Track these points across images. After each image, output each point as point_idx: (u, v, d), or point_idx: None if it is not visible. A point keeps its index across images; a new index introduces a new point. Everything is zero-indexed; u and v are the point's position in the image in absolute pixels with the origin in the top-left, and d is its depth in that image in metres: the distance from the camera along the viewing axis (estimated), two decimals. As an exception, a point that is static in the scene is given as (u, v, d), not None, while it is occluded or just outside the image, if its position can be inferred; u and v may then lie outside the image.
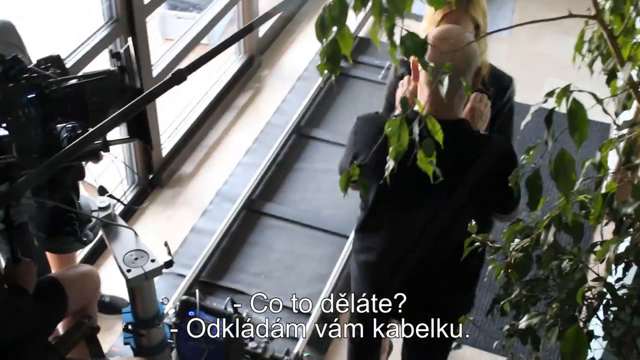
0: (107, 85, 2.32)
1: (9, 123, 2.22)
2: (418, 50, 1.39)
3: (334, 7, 1.38)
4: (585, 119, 1.37)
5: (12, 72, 2.21)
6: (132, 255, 2.51)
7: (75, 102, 2.29)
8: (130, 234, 2.58)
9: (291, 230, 4.41)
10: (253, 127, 5.17)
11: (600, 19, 1.60)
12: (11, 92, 2.21)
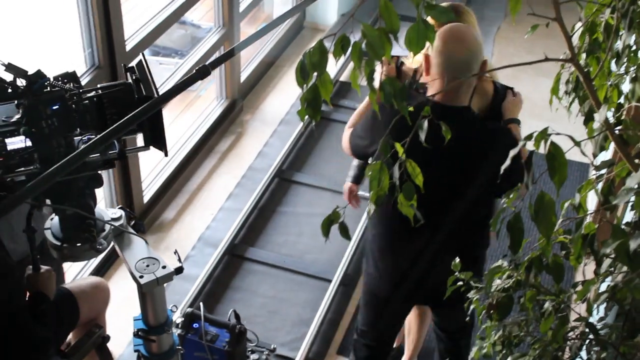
0: (124, 97, 2.40)
1: (33, 134, 2.29)
2: (397, 96, 1.41)
3: (314, 53, 1.40)
4: (564, 161, 1.39)
5: (36, 85, 2.28)
6: (143, 263, 2.61)
7: (94, 114, 2.37)
8: (142, 243, 2.69)
9: (274, 274, 4.40)
10: (235, 172, 5.18)
11: (576, 62, 1.63)
12: (36, 104, 2.28)
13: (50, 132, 2.31)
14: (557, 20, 1.55)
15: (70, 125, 2.35)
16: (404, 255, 2.89)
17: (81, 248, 2.56)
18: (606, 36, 1.73)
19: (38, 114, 2.28)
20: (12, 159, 2.30)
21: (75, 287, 2.99)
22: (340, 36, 1.43)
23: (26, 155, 2.30)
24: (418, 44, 1.40)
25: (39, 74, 2.30)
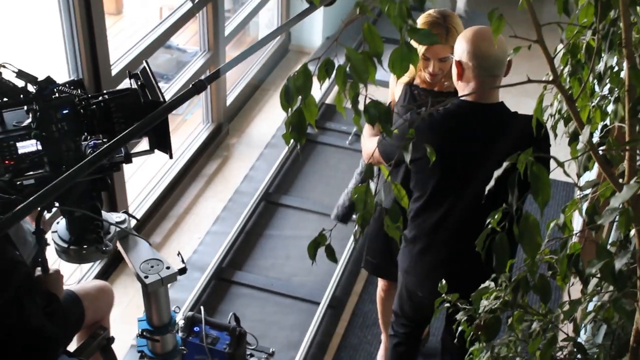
0: (131, 102, 2.47)
1: (44, 138, 2.37)
2: (382, 118, 1.42)
3: (298, 77, 1.41)
4: (547, 182, 1.40)
5: (47, 91, 2.37)
6: (148, 264, 2.69)
7: (102, 118, 2.44)
8: (145, 245, 2.77)
9: (262, 298, 4.39)
10: (222, 195, 5.17)
11: (559, 83, 1.64)
12: (47, 108, 2.36)
13: (60, 136, 2.38)
14: (539, 43, 1.57)
15: (79, 130, 2.43)
16: (441, 256, 2.99)
17: (87, 250, 2.64)
18: (588, 58, 1.75)
19: (49, 118, 2.36)
20: (22, 163, 2.39)
21: (81, 289, 3.07)
22: (325, 60, 1.43)
23: (36, 158, 2.39)
24: (402, 67, 1.41)
25: (49, 80, 2.39)
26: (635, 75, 1.52)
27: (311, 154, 5.58)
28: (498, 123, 2.77)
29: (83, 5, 3.69)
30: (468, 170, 2.73)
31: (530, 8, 1.59)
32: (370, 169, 1.59)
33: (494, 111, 2.80)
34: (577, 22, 1.83)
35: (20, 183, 2.40)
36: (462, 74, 2.77)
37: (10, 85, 2.39)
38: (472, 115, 2.78)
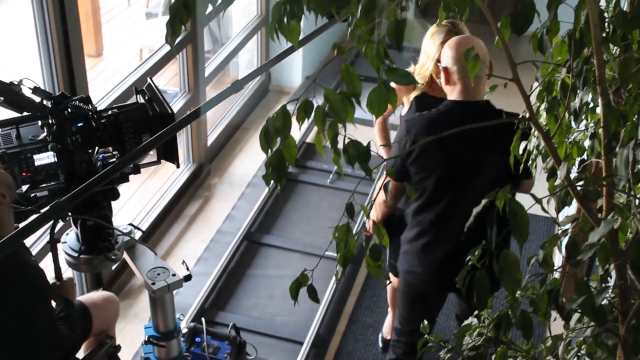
0: (139, 116, 2.64)
1: (59, 150, 2.52)
2: (361, 159, 1.43)
3: (277, 119, 1.42)
4: (525, 219, 1.41)
5: (62, 105, 2.52)
6: (155, 271, 2.84)
7: (113, 131, 2.60)
8: (151, 255, 2.92)
9: (245, 338, 4.35)
10: (203, 236, 5.15)
11: (535, 121, 1.66)
12: (63, 122, 2.51)
13: (74, 148, 2.53)
14: (515, 81, 1.59)
15: (91, 142, 2.58)
16: (445, 248, 3.13)
17: (97, 259, 2.78)
18: (563, 95, 1.77)
19: (64, 130, 2.50)
20: (38, 175, 2.53)
21: (89, 299, 3.16)
22: (304, 101, 1.45)
23: (51, 170, 2.54)
24: (380, 107, 1.42)
25: (63, 95, 2.56)
26: (609, 111, 1.54)
27: (293, 192, 5.59)
28: (486, 117, 2.92)
29: (63, 46, 3.71)
30: (465, 160, 2.97)
31: (505, 47, 1.61)
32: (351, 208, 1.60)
33: (481, 107, 2.98)
34: (551, 60, 1.86)
35: (35, 195, 2.53)
36: (449, 78, 3.01)
37: (30, 100, 2.52)
38: (462, 112, 2.98)
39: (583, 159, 2.04)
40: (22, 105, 2.53)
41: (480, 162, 2.98)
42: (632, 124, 1.60)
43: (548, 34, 1.71)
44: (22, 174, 2.51)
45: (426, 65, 3.36)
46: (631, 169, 1.72)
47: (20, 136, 2.56)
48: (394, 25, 1.44)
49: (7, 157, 2.48)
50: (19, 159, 2.50)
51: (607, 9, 1.77)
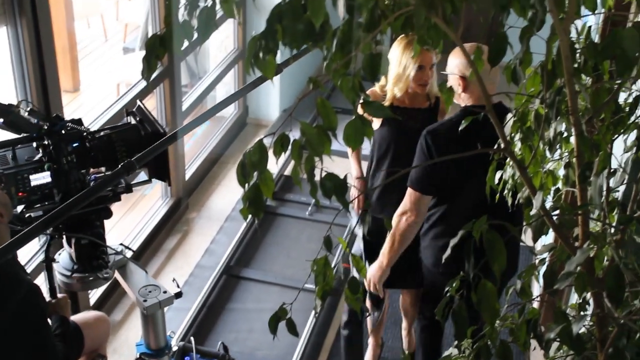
0: (132, 136, 2.72)
1: (55, 170, 2.57)
2: (338, 192, 1.43)
3: (254, 153, 1.42)
4: (502, 250, 1.42)
5: (57, 127, 2.59)
6: (146, 289, 2.92)
7: (107, 151, 2.67)
8: (142, 273, 3.00)
9: (225, 373, 4.32)
10: (182, 270, 5.12)
11: (510, 151, 1.68)
12: (59, 142, 2.57)
13: (70, 168, 2.59)
14: (489, 112, 1.61)
15: (86, 162, 2.65)
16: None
17: (89, 277, 2.83)
18: (537, 125, 1.79)
19: (60, 151, 2.57)
20: (34, 195, 2.59)
21: (80, 319, 3.20)
22: (280, 135, 1.45)
23: (47, 190, 2.59)
24: (356, 140, 1.43)
25: (58, 117, 2.63)
26: (583, 141, 1.56)
27: (271, 225, 5.58)
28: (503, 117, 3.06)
29: (39, 81, 3.70)
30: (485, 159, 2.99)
31: (479, 79, 1.63)
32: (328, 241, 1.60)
33: (499, 108, 2.96)
34: (525, 91, 1.88)
35: (29, 215, 2.57)
36: (467, 85, 3.05)
37: (28, 121, 2.59)
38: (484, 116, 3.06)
39: (558, 187, 2.06)
40: (20, 127, 2.60)
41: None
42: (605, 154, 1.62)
43: (521, 65, 1.74)
44: (19, 194, 2.57)
45: (408, 71, 3.46)
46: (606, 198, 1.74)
47: (16, 157, 2.62)
48: (369, 58, 1.45)
49: (4, 178, 2.55)
50: (15, 179, 2.56)
51: (578, 41, 1.80)
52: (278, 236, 5.46)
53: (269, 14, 1.41)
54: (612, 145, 1.85)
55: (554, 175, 2.09)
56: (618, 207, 1.83)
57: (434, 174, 3.12)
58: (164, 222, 5.42)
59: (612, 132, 1.86)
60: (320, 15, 1.36)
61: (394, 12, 1.48)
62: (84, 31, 7.97)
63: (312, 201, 5.62)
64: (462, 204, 3.21)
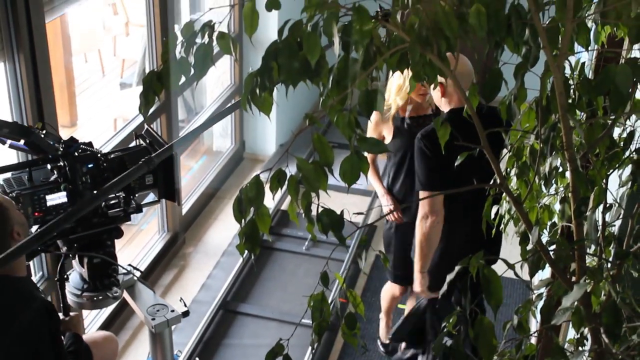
0: (143, 157, 2.67)
1: (70, 191, 2.67)
2: (335, 227, 1.44)
3: (250, 189, 1.43)
4: (499, 285, 1.42)
5: (72, 148, 2.69)
6: (154, 308, 2.99)
7: (119, 173, 2.72)
8: (150, 292, 3.07)
9: (221, 410, 4.28)
10: (179, 305, 5.09)
11: (506, 186, 1.68)
12: (75, 163, 2.67)
13: (84, 189, 2.69)
14: (485, 148, 1.62)
15: (98, 183, 2.73)
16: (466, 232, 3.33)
17: (99, 296, 2.91)
18: (532, 160, 1.80)
19: (76, 172, 2.66)
20: (49, 214, 2.66)
21: (89, 338, 3.20)
22: (277, 171, 1.46)
23: (62, 210, 2.66)
24: (352, 176, 1.44)
25: (72, 139, 2.73)
26: (578, 177, 1.57)
27: (268, 260, 5.56)
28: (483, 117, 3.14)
29: (37, 117, 3.72)
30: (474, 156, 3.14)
31: (474, 114, 1.64)
32: (325, 277, 1.60)
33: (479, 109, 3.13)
34: (520, 127, 1.89)
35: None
36: (445, 92, 3.31)
37: (48, 142, 2.70)
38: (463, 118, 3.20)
39: (554, 222, 2.06)
40: (41, 147, 2.70)
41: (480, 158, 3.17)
42: (600, 189, 1.63)
43: (516, 101, 1.75)
44: (35, 213, 2.66)
45: (405, 86, 3.74)
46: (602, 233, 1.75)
47: (32, 178, 2.72)
48: (365, 95, 1.46)
49: (22, 198, 2.64)
50: (32, 200, 2.65)
51: (572, 76, 1.82)
52: (275, 271, 5.45)
53: (265, 52, 1.43)
54: (608, 180, 1.86)
55: (550, 210, 2.10)
56: (614, 241, 1.84)
57: (436, 172, 3.37)
58: (160, 257, 5.41)
59: (607, 167, 1.87)
60: (315, 52, 1.38)
61: (389, 49, 1.50)
62: (81, 66, 8.01)
63: (309, 236, 5.61)
64: (454, 208, 3.45)
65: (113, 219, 2.85)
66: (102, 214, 2.83)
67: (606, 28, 1.93)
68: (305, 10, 1.44)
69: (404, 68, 1.55)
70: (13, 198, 2.62)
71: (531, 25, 1.56)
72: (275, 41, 1.42)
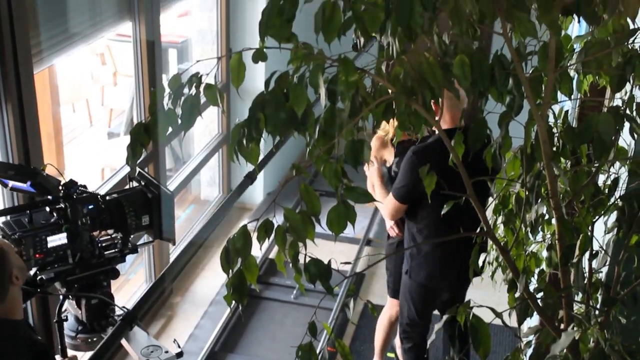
0: (139, 199, 2.87)
1: (71, 232, 2.68)
2: (323, 277, 1.43)
3: (238, 239, 1.43)
4: (487, 333, 1.41)
5: (72, 190, 2.72)
6: (148, 349, 2.95)
7: (117, 214, 2.80)
8: (144, 334, 3.01)
9: None
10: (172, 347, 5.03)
11: (492, 235, 1.69)
12: (76, 204, 2.70)
13: (84, 230, 2.71)
14: (470, 197, 1.63)
15: (97, 224, 2.77)
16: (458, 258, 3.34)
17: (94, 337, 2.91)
18: (518, 208, 1.81)
19: (77, 213, 2.69)
20: (50, 256, 2.68)
21: None
22: (264, 221, 1.46)
23: (61, 252, 2.69)
24: (339, 225, 1.44)
25: (72, 181, 2.76)
26: (563, 225, 1.58)
27: (256, 309, 5.52)
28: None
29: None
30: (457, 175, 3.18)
31: (459, 164, 1.66)
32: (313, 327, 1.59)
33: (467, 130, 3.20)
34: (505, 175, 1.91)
35: (41, 277, 2.69)
36: (437, 111, 3.24)
37: (53, 184, 2.72)
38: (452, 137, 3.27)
39: (542, 269, 2.06)
40: (46, 189, 2.73)
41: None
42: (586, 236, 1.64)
43: (501, 150, 1.77)
44: (36, 255, 2.67)
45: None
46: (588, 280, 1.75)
47: (32, 220, 2.73)
48: (351, 144, 1.48)
49: (24, 240, 2.65)
50: (34, 241, 2.67)
51: (555, 125, 1.84)
52: (263, 320, 5.41)
53: (252, 103, 1.44)
54: (593, 227, 1.87)
55: (537, 257, 2.10)
56: (602, 288, 1.84)
57: (414, 189, 3.54)
58: (148, 308, 5.36)
59: (593, 214, 1.88)
60: (302, 103, 1.39)
61: (375, 99, 1.51)
62: (69, 116, 8.02)
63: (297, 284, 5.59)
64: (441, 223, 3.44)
65: (109, 260, 2.88)
66: (100, 254, 2.87)
67: (588, 77, 1.96)
68: (292, 62, 1.45)
69: (390, 118, 1.57)
70: (15, 240, 2.64)
71: (514, 75, 1.58)
72: (262, 92, 1.43)
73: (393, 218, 3.89)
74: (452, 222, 3.59)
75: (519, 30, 1.49)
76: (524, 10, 1.47)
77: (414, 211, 3.72)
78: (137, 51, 4.73)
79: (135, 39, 4.63)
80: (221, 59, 1.74)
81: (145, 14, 4.54)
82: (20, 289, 2.54)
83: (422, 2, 1.39)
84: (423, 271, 3.83)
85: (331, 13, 1.41)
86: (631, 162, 1.87)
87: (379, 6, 1.44)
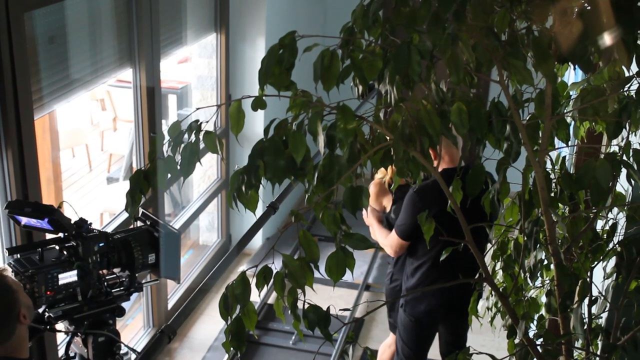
0: (145, 238, 2.93)
1: (81, 269, 2.73)
2: (321, 323, 1.43)
3: (237, 286, 1.43)
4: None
5: (83, 229, 2.77)
6: None
7: (125, 252, 2.86)
8: None
9: None
10: (164, 402, 4.99)
11: (491, 281, 1.69)
12: (88, 242, 2.75)
13: (93, 268, 2.77)
14: (469, 243, 1.63)
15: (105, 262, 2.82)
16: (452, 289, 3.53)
17: None
18: (517, 254, 1.81)
19: (88, 251, 2.75)
20: (60, 293, 2.72)
21: None
22: (262, 268, 1.46)
23: (71, 289, 2.74)
24: (338, 272, 1.44)
25: (83, 220, 2.82)
26: (562, 271, 1.58)
27: (254, 355, 5.48)
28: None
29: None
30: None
31: (458, 210, 1.66)
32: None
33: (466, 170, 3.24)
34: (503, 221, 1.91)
35: (49, 315, 2.72)
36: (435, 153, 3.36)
37: (68, 222, 2.77)
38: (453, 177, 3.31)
39: (542, 315, 2.06)
40: (62, 226, 2.78)
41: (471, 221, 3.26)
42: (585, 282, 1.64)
43: (499, 196, 1.77)
44: (47, 292, 2.70)
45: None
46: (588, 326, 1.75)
47: (43, 258, 2.77)
48: (350, 191, 1.48)
49: (37, 277, 2.68)
50: (46, 279, 2.70)
51: (553, 171, 1.85)
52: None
53: (251, 150, 1.45)
54: (592, 272, 1.87)
55: (537, 303, 2.10)
56: (602, 334, 1.83)
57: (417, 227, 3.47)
58: (145, 353, 5.31)
59: (591, 259, 1.88)
60: (301, 150, 1.40)
61: (373, 146, 1.52)
62: (69, 161, 8.05)
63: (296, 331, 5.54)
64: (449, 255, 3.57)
65: (116, 298, 2.93)
66: (107, 292, 2.91)
67: (585, 123, 1.97)
68: (291, 110, 1.47)
69: (388, 164, 1.58)
70: (28, 277, 2.68)
71: (511, 121, 1.60)
72: (262, 140, 1.45)
73: (397, 254, 3.90)
74: (452, 259, 3.66)
75: (515, 78, 1.51)
76: (520, 59, 1.49)
77: (415, 247, 3.75)
78: (137, 97, 4.77)
79: (135, 85, 4.66)
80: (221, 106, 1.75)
81: (145, 60, 4.57)
82: (27, 327, 2.56)
83: (419, 51, 1.40)
84: (419, 306, 3.83)
85: (330, 61, 1.43)
86: (629, 208, 1.88)
87: (377, 55, 1.46)
